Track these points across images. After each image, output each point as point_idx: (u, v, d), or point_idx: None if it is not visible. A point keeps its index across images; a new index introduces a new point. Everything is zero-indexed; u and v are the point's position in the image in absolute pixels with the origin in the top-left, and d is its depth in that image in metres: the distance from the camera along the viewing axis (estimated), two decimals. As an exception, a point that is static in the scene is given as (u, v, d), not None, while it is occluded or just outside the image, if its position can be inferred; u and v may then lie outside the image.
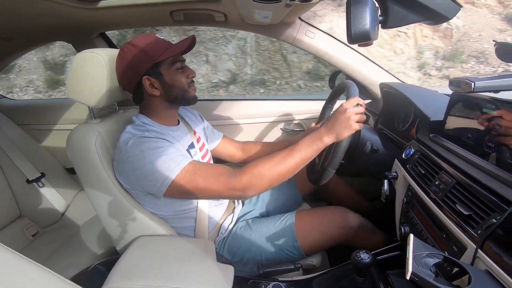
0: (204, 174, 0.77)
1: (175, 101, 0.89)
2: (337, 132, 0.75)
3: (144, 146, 0.76)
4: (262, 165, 0.76)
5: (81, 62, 0.85)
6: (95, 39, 1.32)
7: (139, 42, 0.82)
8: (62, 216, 1.49)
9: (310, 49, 1.24)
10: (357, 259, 0.68)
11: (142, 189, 0.80)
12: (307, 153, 0.76)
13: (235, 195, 0.77)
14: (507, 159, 0.56)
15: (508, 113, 0.58)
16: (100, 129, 0.86)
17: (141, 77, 0.83)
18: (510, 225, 0.47)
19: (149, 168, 0.75)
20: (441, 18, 0.74)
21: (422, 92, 1.09)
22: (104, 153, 0.84)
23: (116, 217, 0.86)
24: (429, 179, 0.71)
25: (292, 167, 0.76)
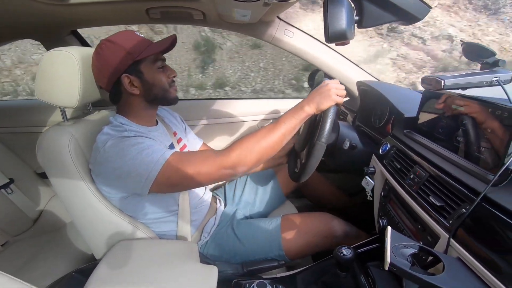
0: (191, 160, 0.74)
1: (154, 100, 0.86)
2: (318, 102, 0.76)
3: (124, 144, 0.73)
4: (249, 140, 0.75)
5: (50, 61, 0.80)
6: (66, 36, 1.26)
7: (118, 39, 0.79)
8: (34, 223, 1.41)
9: (289, 48, 1.25)
10: (339, 255, 0.70)
11: (124, 190, 0.77)
12: (291, 124, 0.76)
13: (225, 173, 0.75)
14: (474, 152, 0.59)
15: (474, 109, 0.61)
16: (73, 131, 0.82)
17: (120, 75, 0.79)
18: (479, 215, 0.50)
19: (131, 164, 0.71)
20: (412, 18, 0.77)
21: (396, 90, 1.14)
22: (79, 156, 0.80)
23: (93, 223, 0.83)
24: (405, 173, 0.74)
25: (279, 138, 0.76)
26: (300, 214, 1.02)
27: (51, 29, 1.17)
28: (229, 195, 1.18)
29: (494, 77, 0.64)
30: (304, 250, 0.93)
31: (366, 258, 0.79)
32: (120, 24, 1.24)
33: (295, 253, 0.93)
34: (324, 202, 1.27)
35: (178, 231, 0.90)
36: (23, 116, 1.43)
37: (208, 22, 1.18)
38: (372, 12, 0.77)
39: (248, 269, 0.84)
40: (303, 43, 1.24)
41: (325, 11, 0.75)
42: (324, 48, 1.26)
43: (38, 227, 1.40)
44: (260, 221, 1.00)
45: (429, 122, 0.77)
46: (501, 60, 0.65)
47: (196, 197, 0.96)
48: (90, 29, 4.12)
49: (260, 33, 1.22)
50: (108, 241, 0.82)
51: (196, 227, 0.95)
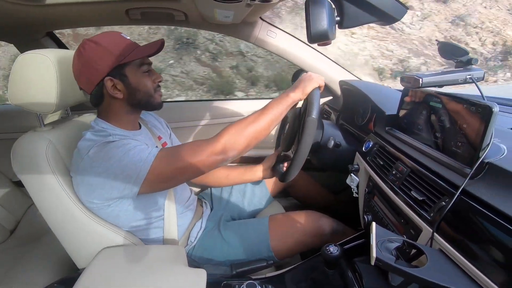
0: (180, 151, 0.73)
1: (138, 105, 0.83)
2: (302, 87, 0.80)
3: (109, 147, 0.71)
4: (237, 125, 0.76)
5: (24, 64, 0.76)
6: (42, 38, 1.21)
7: (102, 40, 0.76)
8: (11, 234, 1.34)
9: (272, 48, 1.26)
10: (327, 253, 0.71)
11: (109, 195, 0.73)
12: (278, 109, 0.78)
13: (217, 159, 0.74)
14: (451, 147, 0.62)
15: (450, 105, 0.64)
16: (51, 137, 0.79)
17: (102, 78, 0.76)
18: (458, 207, 0.52)
19: (118, 165, 0.69)
20: (390, 19, 0.79)
21: (377, 88, 1.17)
22: (58, 163, 0.77)
23: (74, 233, 0.79)
24: (387, 169, 0.76)
25: (266, 123, 0.77)
26: (288, 214, 1.02)
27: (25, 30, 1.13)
28: (216, 197, 1.16)
29: (468, 75, 0.67)
30: (293, 249, 0.94)
31: (352, 253, 0.81)
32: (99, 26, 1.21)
33: (284, 253, 0.93)
34: (311, 201, 1.29)
35: (165, 237, 0.88)
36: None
37: (190, 23, 1.17)
38: (352, 12, 0.79)
39: (237, 271, 0.84)
40: (286, 44, 1.26)
41: (307, 12, 0.76)
42: (306, 48, 1.28)
43: (15, 238, 1.34)
44: (248, 222, 1.00)
45: (409, 119, 0.79)
46: (474, 59, 0.68)
47: (182, 201, 0.95)
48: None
49: (243, 34, 1.22)
50: (91, 251, 0.78)
51: (183, 232, 0.93)
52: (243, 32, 1.21)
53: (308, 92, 0.80)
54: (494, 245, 0.44)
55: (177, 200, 0.91)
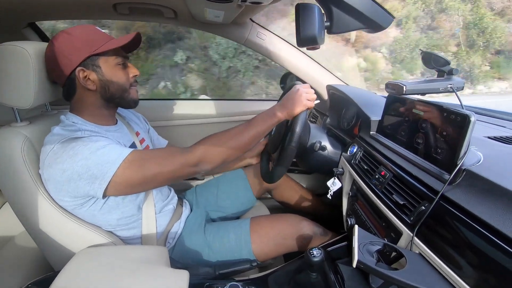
0: (153, 157, 0.71)
1: (112, 100, 0.80)
2: (290, 108, 0.79)
3: (75, 143, 0.67)
4: (216, 138, 0.75)
5: (1, 56, 0.73)
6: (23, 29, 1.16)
7: (75, 31, 0.74)
8: None
9: (261, 50, 1.27)
10: (310, 257, 0.71)
11: (76, 193, 0.70)
12: (261, 128, 0.78)
13: (190, 171, 0.73)
14: (432, 153, 0.64)
15: (432, 113, 0.66)
16: (27, 133, 0.75)
17: (74, 68, 0.74)
18: (438, 212, 0.53)
19: (83, 164, 0.65)
20: (378, 27, 0.81)
21: (363, 94, 1.19)
22: (33, 160, 0.73)
23: (50, 233, 0.76)
24: (371, 174, 0.78)
25: (246, 141, 0.76)
26: (269, 217, 1.03)
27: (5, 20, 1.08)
28: (199, 197, 1.14)
29: (449, 84, 0.69)
30: (274, 252, 0.94)
31: (335, 256, 0.82)
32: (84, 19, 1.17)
33: (265, 255, 0.93)
34: (294, 204, 1.30)
35: (143, 237, 0.86)
36: None
37: (179, 20, 1.15)
38: (341, 19, 0.81)
39: (220, 272, 0.83)
40: (275, 47, 1.26)
41: (296, 17, 0.77)
42: (295, 52, 1.29)
43: (-13, 237, 1.27)
44: (229, 224, 0.99)
45: (393, 125, 0.82)
46: (454, 69, 0.71)
47: (161, 200, 0.93)
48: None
49: (233, 35, 1.22)
50: (68, 252, 0.75)
51: (161, 232, 0.91)
52: (232, 32, 1.21)
53: (294, 115, 0.80)
54: (469, 249, 0.46)
55: (156, 198, 0.89)
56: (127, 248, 0.81)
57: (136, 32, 0.79)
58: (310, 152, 1.00)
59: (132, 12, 1.08)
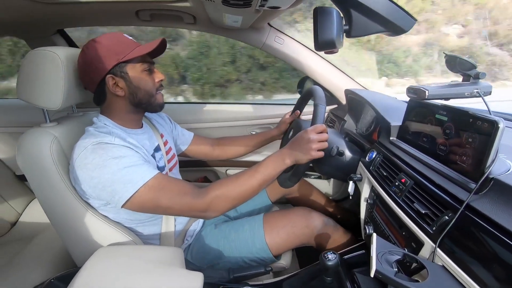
0: (168, 191, 0.74)
1: (139, 105, 0.84)
2: (297, 158, 0.80)
3: (105, 153, 0.71)
4: (225, 187, 0.77)
5: (33, 60, 0.77)
6: (53, 36, 1.23)
7: (104, 40, 0.78)
8: (12, 228, 1.35)
9: (279, 54, 1.27)
10: (325, 260, 0.70)
11: (98, 197, 0.75)
12: (269, 175, 0.79)
13: (196, 215, 0.77)
14: (456, 160, 0.61)
15: (457, 119, 0.63)
16: (56, 133, 0.80)
17: (104, 76, 0.78)
18: (462, 223, 0.51)
19: (108, 178, 0.70)
20: (399, 30, 0.79)
21: (383, 98, 1.16)
22: (61, 159, 0.78)
23: (74, 228, 0.80)
24: (390, 181, 0.75)
25: (254, 188, 0.78)
26: (280, 211, 1.05)
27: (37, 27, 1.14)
28: None
29: (476, 89, 0.66)
30: (285, 242, 0.95)
31: (352, 264, 0.80)
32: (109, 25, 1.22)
33: (277, 246, 0.94)
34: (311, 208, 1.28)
35: (162, 234, 0.89)
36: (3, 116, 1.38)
37: (198, 26, 1.18)
38: (360, 22, 0.79)
39: (234, 276, 0.83)
40: (293, 51, 1.26)
41: (315, 20, 0.77)
42: (313, 56, 1.28)
43: (16, 232, 1.34)
44: (243, 219, 1.02)
45: (414, 130, 0.79)
46: (481, 73, 0.68)
47: None
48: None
49: (251, 39, 1.23)
50: (90, 246, 0.79)
51: (180, 230, 0.94)
52: (250, 37, 1.22)
53: (301, 163, 0.81)
54: (497, 263, 0.43)
55: None
56: (144, 248, 0.83)
57: (162, 38, 0.82)
58: (327, 157, 0.98)
59: (153, 19, 1.11)
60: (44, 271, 1.02)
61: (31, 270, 1.03)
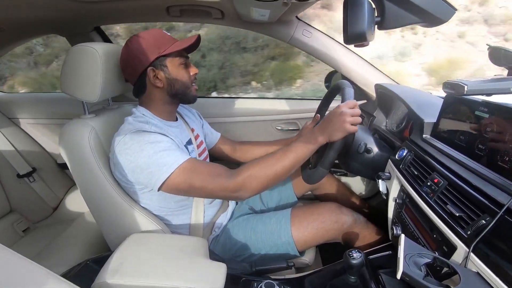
0: (201, 173, 0.77)
1: (176, 96, 0.89)
2: (330, 133, 0.77)
3: (143, 138, 0.76)
4: (257, 167, 0.77)
5: (75, 56, 0.83)
6: (90, 33, 1.30)
7: (146, 35, 0.85)
8: (53, 212, 1.47)
9: (307, 48, 1.24)
10: (349, 258, 0.69)
11: (136, 182, 0.79)
12: (302, 154, 0.78)
13: (229, 196, 0.79)
14: (497, 161, 0.57)
15: (500, 116, 0.59)
16: (94, 124, 0.85)
17: (145, 68, 0.84)
18: (500, 227, 0.47)
19: (145, 161, 0.74)
20: (437, 20, 0.74)
21: (416, 94, 1.10)
22: (98, 148, 0.83)
23: (109, 214, 0.85)
24: (422, 180, 0.72)
25: (286, 168, 0.78)
26: (309, 205, 1.04)
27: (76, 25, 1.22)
28: None
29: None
30: (312, 237, 0.94)
31: (377, 265, 0.78)
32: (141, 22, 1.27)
33: (304, 242, 0.93)
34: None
35: (191, 225, 0.92)
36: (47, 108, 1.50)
37: (226, 20, 1.19)
38: (394, 13, 0.75)
39: (257, 269, 0.84)
40: (321, 44, 1.23)
41: (344, 12, 0.74)
42: (342, 50, 1.24)
43: (56, 215, 1.46)
44: (271, 212, 1.02)
45: (450, 128, 0.74)
46: (530, 66, 0.62)
47: None
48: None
49: (278, 33, 1.22)
50: (123, 231, 0.84)
51: (208, 221, 0.97)
52: (278, 31, 1.21)
53: (335, 140, 0.77)
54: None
55: None
56: (172, 237, 0.87)
57: (197, 35, 0.88)
58: (354, 154, 0.96)
59: (183, 14, 1.14)
60: (80, 253, 1.11)
61: (69, 252, 1.12)
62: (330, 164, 0.81)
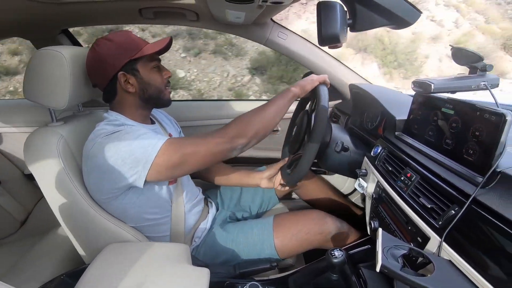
0: (189, 139, 0.76)
1: (149, 100, 0.86)
2: (302, 85, 0.87)
3: (120, 133, 0.73)
4: (244, 115, 0.79)
5: (40, 60, 0.79)
6: (58, 35, 1.24)
7: (115, 38, 0.80)
8: (21, 226, 1.37)
9: (283, 50, 1.26)
10: (331, 257, 0.70)
11: (117, 182, 0.73)
12: (280, 103, 0.83)
13: (225, 147, 0.76)
14: (463, 154, 0.60)
15: (463, 112, 0.62)
16: (62, 132, 0.81)
17: (115, 73, 0.80)
18: (468, 217, 0.50)
19: (127, 149, 0.70)
20: (404, 23, 0.78)
21: (388, 93, 1.15)
22: (68, 158, 0.79)
23: (82, 227, 0.81)
24: (396, 175, 0.75)
25: (272, 114, 0.81)
26: (292, 213, 1.03)
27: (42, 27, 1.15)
28: (224, 197, 1.17)
29: (483, 82, 0.65)
30: (296, 248, 0.94)
31: (357, 259, 0.80)
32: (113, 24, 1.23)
33: (288, 251, 0.93)
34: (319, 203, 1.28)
35: (171, 235, 0.89)
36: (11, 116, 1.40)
37: (201, 22, 1.18)
38: (365, 16, 0.78)
39: (240, 271, 0.84)
40: (296, 46, 1.25)
41: (318, 15, 0.76)
42: (317, 51, 1.27)
43: (25, 230, 1.37)
44: (253, 222, 1.00)
45: (420, 124, 0.78)
46: (488, 65, 0.67)
47: (190, 200, 0.96)
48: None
49: (254, 35, 1.23)
50: (98, 246, 0.80)
51: (188, 231, 0.94)
52: (253, 33, 1.22)
53: (307, 90, 0.87)
54: (504, 256, 0.43)
55: (185, 198, 0.92)
56: (151, 245, 0.84)
57: (169, 38, 0.85)
58: (331, 153, 0.98)
59: (156, 16, 1.11)
60: (54, 268, 1.04)
61: (41, 267, 1.05)
62: (309, 165, 0.82)
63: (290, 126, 1.15)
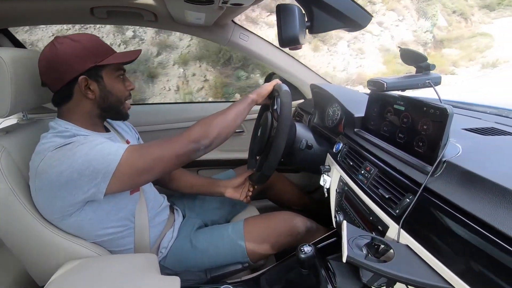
0: (154, 144, 0.74)
1: (107, 110, 0.80)
2: (258, 92, 0.91)
3: (73, 145, 0.67)
4: (207, 118, 0.80)
5: None
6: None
7: (82, 39, 0.74)
8: None
9: (245, 51, 1.27)
10: (301, 254, 0.72)
11: (72, 198, 0.67)
12: (239, 107, 0.86)
13: (190, 148, 0.75)
14: (414, 147, 0.66)
15: (412, 108, 0.68)
16: (5, 143, 0.72)
17: (77, 75, 0.73)
18: (422, 204, 0.55)
19: (83, 160, 0.65)
20: (357, 26, 0.83)
21: (346, 92, 1.21)
22: (12, 171, 0.70)
23: (33, 247, 0.73)
24: (356, 169, 0.79)
25: (233, 116, 0.83)
26: (263, 216, 1.03)
27: (-25, 26, 1.03)
28: (191, 204, 1.13)
29: (427, 80, 0.72)
30: (268, 251, 0.94)
31: (325, 252, 0.83)
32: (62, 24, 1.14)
33: (259, 255, 0.94)
34: (287, 202, 1.31)
35: (136, 248, 0.84)
36: None
37: (160, 23, 1.14)
38: (322, 18, 0.82)
39: (212, 276, 0.83)
40: (258, 47, 1.27)
41: (278, 17, 0.78)
42: (278, 53, 1.30)
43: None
44: (222, 228, 0.98)
45: (375, 121, 0.83)
46: (432, 64, 0.73)
47: (154, 209, 0.91)
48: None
49: (215, 37, 1.22)
50: (52, 266, 0.72)
51: (154, 241, 0.90)
52: (214, 34, 1.21)
53: (264, 95, 0.92)
54: (452, 237, 0.47)
55: (149, 207, 0.88)
56: (115, 257, 0.79)
57: (139, 50, 0.82)
58: (297, 151, 1.01)
59: (110, 16, 1.06)
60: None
61: None
62: (275, 164, 0.84)
63: (255, 127, 1.16)
